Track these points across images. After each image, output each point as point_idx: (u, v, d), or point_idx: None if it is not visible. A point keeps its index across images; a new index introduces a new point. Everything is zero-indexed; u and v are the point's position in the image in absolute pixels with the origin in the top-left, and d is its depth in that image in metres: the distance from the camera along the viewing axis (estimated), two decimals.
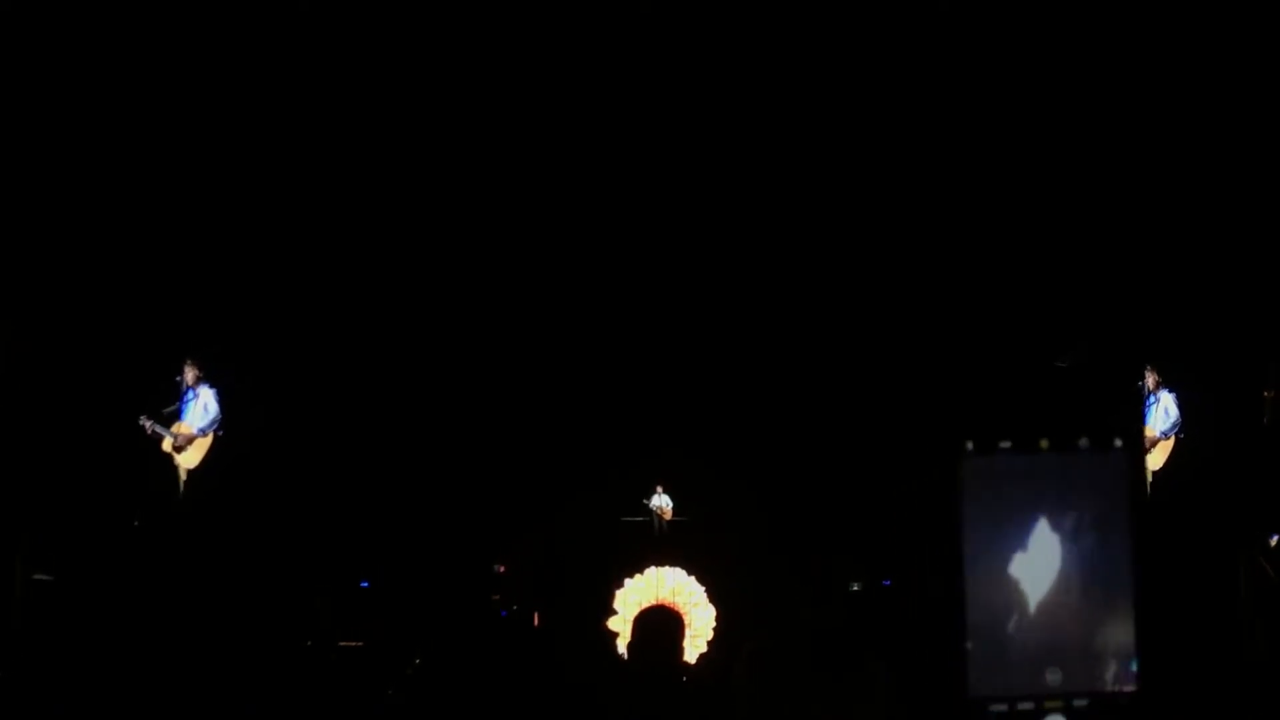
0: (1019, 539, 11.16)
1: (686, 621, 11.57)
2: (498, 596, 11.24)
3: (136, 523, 10.48)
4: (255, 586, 10.11)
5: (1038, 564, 10.83)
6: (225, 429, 11.41)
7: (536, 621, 10.99)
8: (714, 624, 11.71)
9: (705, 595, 11.74)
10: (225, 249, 11.38)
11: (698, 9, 9.73)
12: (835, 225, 11.37)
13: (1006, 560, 11.22)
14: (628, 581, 11.45)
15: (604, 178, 11.22)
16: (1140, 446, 10.68)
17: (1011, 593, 11.33)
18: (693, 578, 11.86)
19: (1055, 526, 11.23)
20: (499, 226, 11.42)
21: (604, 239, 11.56)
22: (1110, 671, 10.89)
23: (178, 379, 11.42)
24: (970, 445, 10.84)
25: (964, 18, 9.67)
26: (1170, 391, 11.56)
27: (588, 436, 12.05)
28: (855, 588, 11.32)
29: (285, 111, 10.39)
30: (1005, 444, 11.19)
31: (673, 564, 11.90)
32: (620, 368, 12.01)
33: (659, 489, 14.00)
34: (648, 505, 13.94)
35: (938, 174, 10.99)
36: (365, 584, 10.75)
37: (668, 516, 14.01)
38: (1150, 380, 11.52)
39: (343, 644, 10.11)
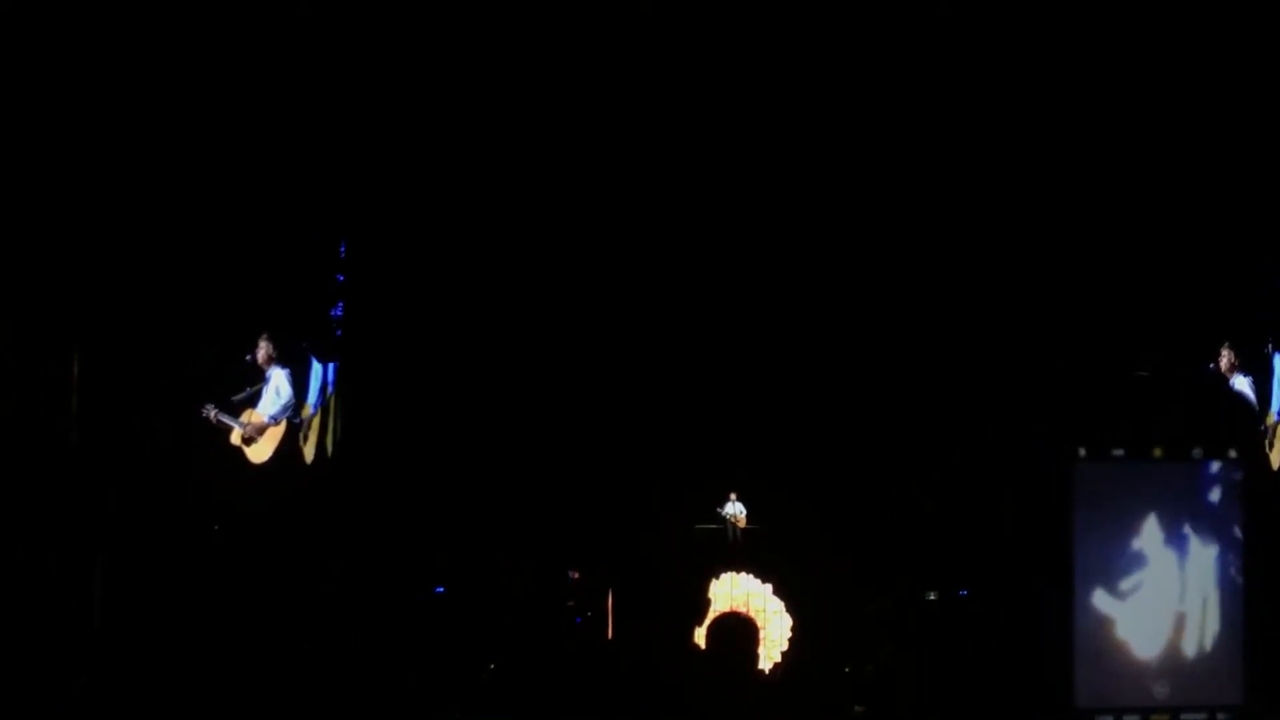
0: (1130, 549, 10.99)
1: (763, 633, 11.61)
2: (572, 603, 11.24)
3: (216, 528, 10.27)
4: (327, 591, 10.13)
5: (1148, 575, 10.69)
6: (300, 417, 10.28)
7: (610, 628, 10.99)
8: (789, 634, 11.69)
9: (783, 606, 11.71)
10: (303, 219, 10.55)
11: (698, 9, 9.67)
12: (910, 237, 11.28)
13: (1116, 570, 11.06)
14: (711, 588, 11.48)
15: (683, 202, 11.20)
16: (1258, 457, 10.25)
17: (1120, 603, 11.13)
18: (768, 585, 11.83)
19: (1167, 537, 11.03)
20: (578, 246, 11.40)
21: (679, 258, 11.53)
22: (1219, 685, 10.63)
23: (249, 358, 10.25)
24: (1083, 452, 10.66)
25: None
26: (1246, 375, 10.46)
27: (662, 443, 12.03)
28: (931, 597, 11.26)
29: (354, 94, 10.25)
30: (1118, 451, 10.96)
31: (747, 571, 11.89)
32: (695, 374, 11.98)
33: (732, 496, 13.96)
34: (721, 513, 13.91)
35: (1005, 190, 10.89)
36: (440, 589, 10.77)
37: (741, 524, 13.96)
38: (1224, 361, 10.49)
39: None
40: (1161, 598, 9.95)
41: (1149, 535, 9.97)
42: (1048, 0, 9.69)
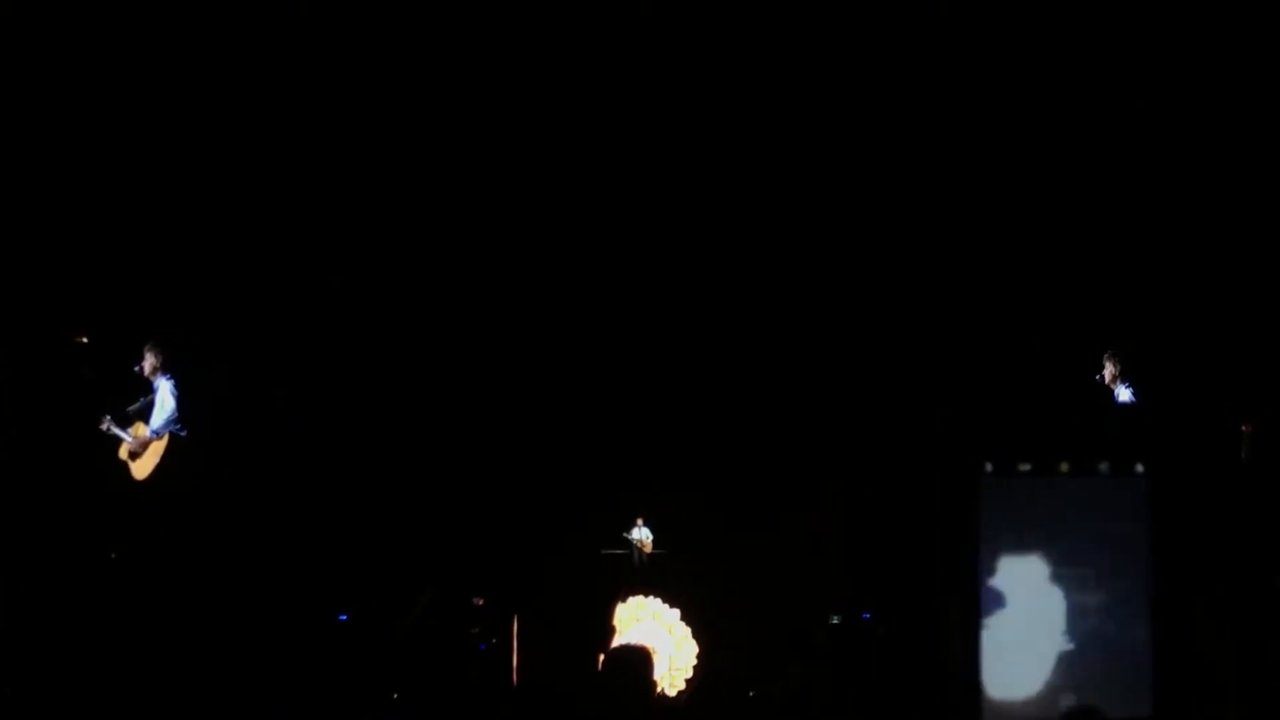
0: (1038, 562, 11.02)
1: (670, 658, 11.61)
2: (477, 629, 11.17)
3: (113, 555, 10.04)
4: (224, 619, 9.96)
5: (1055, 588, 10.71)
6: (188, 431, 9.81)
7: (515, 654, 10.94)
8: (695, 661, 11.70)
9: (690, 632, 11.73)
10: (204, 231, 10.44)
11: (698, 9, 9.73)
12: (828, 247, 11.38)
13: (1024, 584, 11.09)
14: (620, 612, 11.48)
15: (596, 216, 11.23)
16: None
17: (1028, 615, 11.18)
18: (676, 610, 11.84)
19: (1074, 550, 11.06)
20: (487, 259, 11.39)
21: (587, 271, 11.55)
22: (1126, 696, 10.75)
23: (136, 368, 9.81)
24: (990, 467, 10.85)
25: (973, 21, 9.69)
26: (1126, 385, 10.28)
27: (569, 468, 12.01)
28: (835, 620, 11.33)
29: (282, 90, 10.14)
30: (1025, 466, 11.13)
31: (653, 595, 11.89)
32: (600, 399, 11.99)
33: (639, 521, 13.96)
34: (628, 538, 13.91)
35: (938, 196, 11.00)
36: (343, 617, 10.65)
37: (648, 549, 13.97)
38: (1109, 371, 10.29)
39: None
40: (1069, 609, 9.94)
41: (1055, 549, 9.96)
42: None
